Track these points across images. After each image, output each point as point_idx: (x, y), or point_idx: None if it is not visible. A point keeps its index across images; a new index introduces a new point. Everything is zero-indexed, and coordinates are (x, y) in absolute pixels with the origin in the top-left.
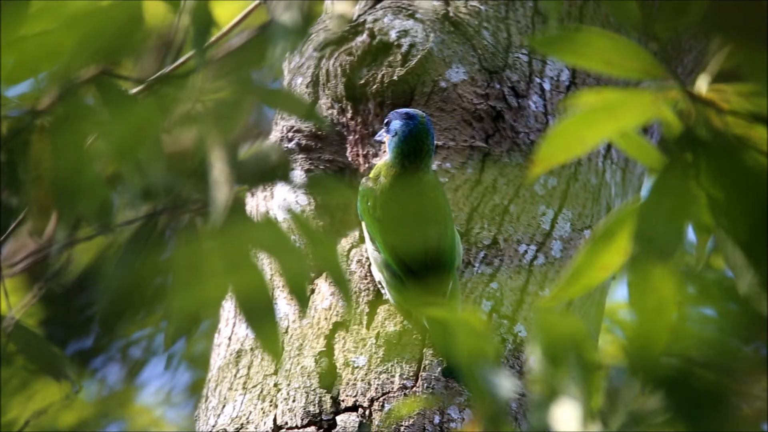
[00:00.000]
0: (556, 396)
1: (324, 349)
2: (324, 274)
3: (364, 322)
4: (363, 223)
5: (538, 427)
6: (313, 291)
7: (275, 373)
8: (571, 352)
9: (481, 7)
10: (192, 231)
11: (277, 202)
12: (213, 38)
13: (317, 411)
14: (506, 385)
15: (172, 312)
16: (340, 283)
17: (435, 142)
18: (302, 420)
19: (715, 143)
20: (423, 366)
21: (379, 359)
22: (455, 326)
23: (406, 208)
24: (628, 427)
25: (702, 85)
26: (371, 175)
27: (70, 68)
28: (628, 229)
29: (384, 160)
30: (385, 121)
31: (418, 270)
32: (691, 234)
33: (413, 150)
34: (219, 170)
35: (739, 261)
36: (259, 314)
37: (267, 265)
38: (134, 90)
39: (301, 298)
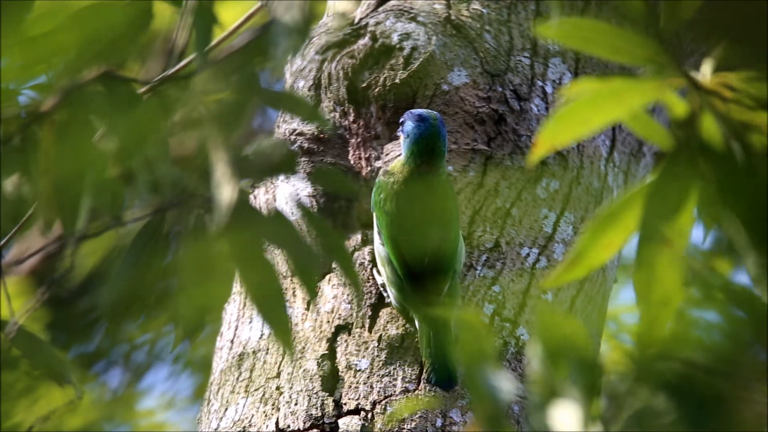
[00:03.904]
0: (556, 397)
1: (326, 352)
2: (326, 278)
3: (366, 326)
4: (374, 215)
5: (538, 428)
6: (315, 294)
7: (278, 375)
8: (572, 353)
9: (483, 11)
10: (200, 228)
11: (280, 204)
12: (216, 40)
13: (319, 414)
14: (506, 386)
15: (180, 311)
16: (349, 272)
17: (447, 142)
18: (304, 423)
19: (719, 128)
20: (425, 369)
21: (381, 362)
22: (457, 326)
23: (414, 206)
24: (630, 428)
25: (706, 72)
26: (389, 169)
27: (77, 66)
28: (633, 211)
29: (399, 158)
30: (401, 120)
31: (417, 269)
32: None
33: (424, 151)
34: (222, 170)
35: (744, 242)
36: (271, 307)
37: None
38: (139, 91)
39: (310, 286)
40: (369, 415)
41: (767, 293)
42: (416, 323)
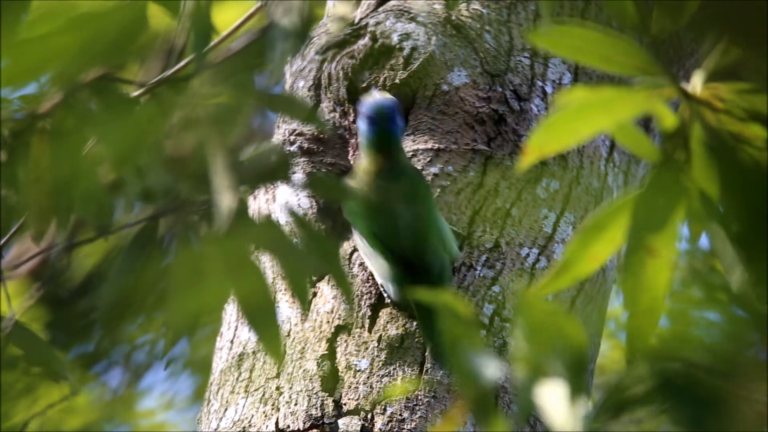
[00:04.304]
0: (541, 376)
1: (326, 352)
2: (326, 278)
3: (366, 326)
4: (352, 226)
5: (525, 408)
6: (315, 294)
7: (277, 375)
8: (555, 331)
9: (483, 11)
10: (194, 234)
11: (279, 205)
12: (213, 42)
13: (319, 414)
14: (491, 366)
15: (171, 315)
16: (342, 283)
17: (399, 130)
18: (304, 423)
19: (709, 139)
20: (425, 369)
21: (381, 363)
22: (439, 309)
23: (387, 200)
24: (615, 404)
25: (696, 83)
26: (353, 175)
27: (72, 71)
28: (620, 222)
29: (360, 159)
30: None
31: (401, 252)
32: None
33: (378, 149)
34: (222, 175)
35: (729, 257)
36: (260, 316)
37: (269, 268)
38: (135, 94)
39: (303, 298)
40: (369, 416)
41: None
42: (416, 314)
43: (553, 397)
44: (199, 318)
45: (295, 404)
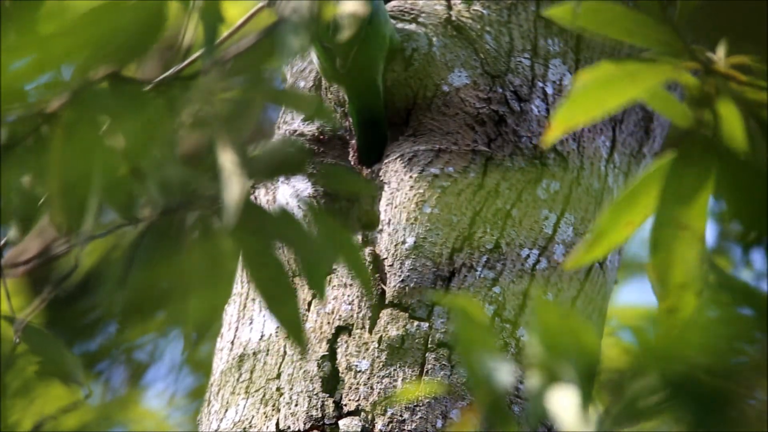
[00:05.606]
0: (554, 381)
1: (326, 353)
2: (326, 278)
3: (367, 327)
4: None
5: (536, 412)
6: (323, 291)
7: (278, 376)
8: (569, 338)
9: (484, 11)
10: (207, 228)
11: (281, 204)
12: (221, 38)
13: (320, 415)
14: (506, 371)
15: (191, 311)
16: (361, 272)
17: None
18: (305, 424)
19: (736, 106)
20: (425, 370)
21: (381, 363)
22: (456, 313)
23: None
24: (626, 413)
25: (720, 54)
26: None
27: (89, 66)
28: (651, 191)
29: None
30: None
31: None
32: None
33: None
34: (230, 168)
35: (761, 224)
36: (280, 302)
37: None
38: (145, 89)
39: (320, 289)
40: (369, 417)
41: None
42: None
43: (564, 402)
44: (217, 313)
45: (296, 405)
